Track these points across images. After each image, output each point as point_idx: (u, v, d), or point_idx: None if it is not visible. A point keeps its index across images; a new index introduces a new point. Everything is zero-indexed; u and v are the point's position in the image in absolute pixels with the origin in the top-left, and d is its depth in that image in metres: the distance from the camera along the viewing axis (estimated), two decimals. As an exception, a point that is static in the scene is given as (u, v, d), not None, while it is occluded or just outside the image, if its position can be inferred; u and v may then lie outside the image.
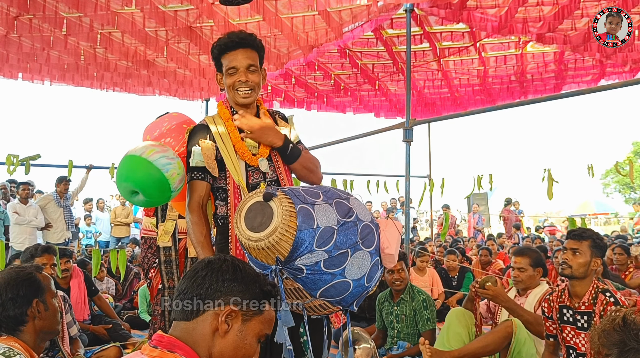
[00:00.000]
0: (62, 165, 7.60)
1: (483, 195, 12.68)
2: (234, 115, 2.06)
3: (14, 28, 5.25)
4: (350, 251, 1.67)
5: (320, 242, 1.61)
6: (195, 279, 1.19)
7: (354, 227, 1.69)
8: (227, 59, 1.99)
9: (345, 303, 1.77)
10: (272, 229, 1.59)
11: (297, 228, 1.59)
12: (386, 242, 1.77)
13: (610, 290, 2.55)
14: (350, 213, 1.71)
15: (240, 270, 1.21)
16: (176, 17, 5.27)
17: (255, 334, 1.20)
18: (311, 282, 1.66)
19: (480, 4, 5.41)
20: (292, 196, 1.65)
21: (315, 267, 1.62)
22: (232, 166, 1.98)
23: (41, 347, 1.82)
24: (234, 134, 2.02)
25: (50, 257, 3.45)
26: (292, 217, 1.59)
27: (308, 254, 1.61)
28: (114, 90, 8.10)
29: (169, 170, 1.96)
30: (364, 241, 1.70)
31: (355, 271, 1.69)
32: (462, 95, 9.17)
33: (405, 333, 3.78)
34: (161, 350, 1.12)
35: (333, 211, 1.68)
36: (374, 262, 1.74)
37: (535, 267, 3.15)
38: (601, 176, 29.22)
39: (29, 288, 1.76)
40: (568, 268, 2.58)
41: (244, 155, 2.01)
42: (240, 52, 1.98)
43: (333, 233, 1.63)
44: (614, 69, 7.62)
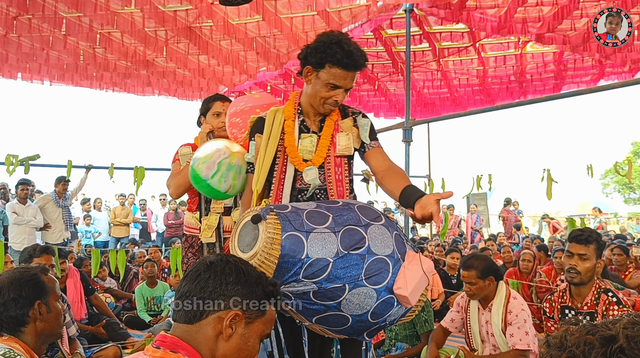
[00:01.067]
0: (61, 165, 7.58)
1: (482, 195, 12.67)
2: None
3: (14, 28, 5.25)
4: (349, 286, 1.52)
5: (308, 272, 1.50)
6: (198, 281, 1.17)
7: (360, 261, 1.53)
8: (336, 73, 1.83)
9: (348, 334, 1.65)
10: (253, 253, 1.53)
11: (279, 256, 1.49)
12: (401, 281, 1.57)
13: (612, 290, 2.54)
14: (360, 245, 1.55)
15: (243, 273, 1.19)
16: (176, 17, 5.27)
17: (258, 335, 1.20)
18: (303, 310, 1.57)
19: (479, 4, 5.41)
20: (284, 221, 1.54)
21: (303, 297, 1.53)
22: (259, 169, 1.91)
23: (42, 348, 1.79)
24: (289, 137, 1.93)
25: (48, 258, 3.44)
26: (275, 245, 1.50)
27: (294, 283, 1.51)
28: (113, 90, 8.10)
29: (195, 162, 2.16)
30: (369, 277, 1.54)
31: (354, 307, 1.55)
32: (461, 95, 9.18)
33: (403, 335, 3.78)
34: (164, 351, 1.11)
35: (335, 241, 1.53)
36: (382, 300, 1.57)
37: (485, 278, 2.86)
38: (600, 176, 29.22)
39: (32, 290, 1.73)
40: (577, 276, 2.50)
41: (293, 160, 1.92)
42: (351, 75, 1.86)
43: (327, 265, 1.50)
44: (613, 69, 7.63)
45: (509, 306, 2.83)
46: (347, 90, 1.91)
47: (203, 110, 2.94)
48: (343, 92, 1.89)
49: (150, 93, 8.40)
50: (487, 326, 2.91)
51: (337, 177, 1.96)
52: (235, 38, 5.82)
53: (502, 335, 2.81)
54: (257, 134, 1.99)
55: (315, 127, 1.99)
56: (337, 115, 2.00)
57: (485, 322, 2.93)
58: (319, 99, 1.90)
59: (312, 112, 1.98)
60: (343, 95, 1.90)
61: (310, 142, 1.94)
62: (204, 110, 2.93)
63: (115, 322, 4.56)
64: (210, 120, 2.88)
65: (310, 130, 1.98)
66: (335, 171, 1.96)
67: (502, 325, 2.82)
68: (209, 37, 5.93)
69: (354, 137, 1.99)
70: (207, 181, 2.12)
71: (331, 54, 1.81)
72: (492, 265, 2.97)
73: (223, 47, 6.28)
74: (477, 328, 2.96)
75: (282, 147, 1.95)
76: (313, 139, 1.95)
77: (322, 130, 1.97)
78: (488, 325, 2.90)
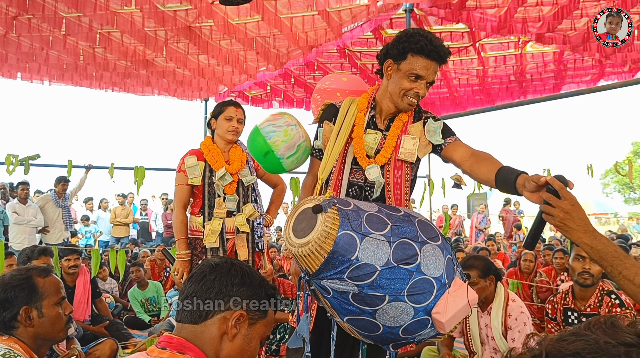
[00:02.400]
0: (61, 165, 7.58)
1: (483, 195, 12.68)
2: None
3: (13, 28, 5.24)
4: (389, 298, 1.50)
5: (354, 274, 1.48)
6: (204, 282, 1.19)
7: (407, 276, 1.50)
8: (419, 62, 1.80)
9: (375, 341, 1.64)
10: (305, 241, 1.53)
11: (330, 251, 1.49)
12: (441, 307, 1.54)
13: (615, 292, 2.54)
14: (411, 261, 1.52)
15: (247, 275, 1.22)
16: (175, 17, 5.27)
17: (259, 336, 1.22)
18: (337, 306, 1.57)
19: (479, 4, 5.41)
20: (344, 218, 1.52)
21: (342, 295, 1.53)
22: (327, 157, 1.86)
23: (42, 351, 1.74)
24: (358, 129, 1.89)
25: (47, 259, 3.44)
26: (329, 239, 1.50)
27: (337, 280, 1.51)
28: (113, 90, 8.09)
29: (272, 137, 2.04)
30: (412, 295, 1.51)
31: (388, 318, 1.53)
32: (461, 95, 9.17)
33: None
34: (171, 352, 1.12)
35: (387, 251, 1.50)
36: (418, 319, 1.55)
37: (486, 277, 2.87)
38: (601, 176, 29.24)
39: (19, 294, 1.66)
40: (590, 278, 2.51)
41: (357, 152, 1.88)
42: (433, 64, 1.83)
43: (374, 272, 1.48)
44: (614, 69, 7.62)
45: (508, 309, 2.82)
46: (428, 83, 1.85)
47: (216, 113, 2.99)
48: (425, 85, 1.84)
49: (150, 93, 8.40)
50: (486, 329, 2.90)
51: (395, 179, 1.92)
52: (235, 38, 5.81)
53: (503, 338, 2.80)
54: (325, 121, 1.98)
55: (383, 125, 1.95)
56: (407, 116, 1.94)
57: (484, 325, 2.92)
58: (400, 92, 1.84)
59: (386, 110, 1.93)
60: (425, 88, 1.85)
61: (374, 139, 1.91)
62: (217, 113, 2.98)
63: (118, 322, 4.57)
64: (221, 124, 2.94)
65: (377, 127, 1.94)
66: (394, 173, 1.91)
67: (502, 329, 2.81)
68: (208, 37, 5.92)
69: (422, 145, 1.91)
70: (281, 160, 2.09)
71: (414, 42, 1.79)
72: (492, 265, 2.97)
73: (223, 47, 6.27)
74: (476, 331, 2.95)
75: (349, 138, 1.92)
76: (377, 136, 1.92)
77: (389, 129, 1.92)
78: (488, 329, 2.89)
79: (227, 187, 2.92)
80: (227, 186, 2.91)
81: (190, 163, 2.91)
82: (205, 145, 2.98)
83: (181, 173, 2.94)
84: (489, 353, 2.91)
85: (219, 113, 2.96)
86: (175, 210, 2.96)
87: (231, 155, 2.98)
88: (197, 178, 2.91)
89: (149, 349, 1.15)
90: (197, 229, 2.94)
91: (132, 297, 5.39)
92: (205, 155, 2.94)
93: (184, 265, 2.90)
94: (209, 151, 2.94)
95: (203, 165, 2.93)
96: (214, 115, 2.99)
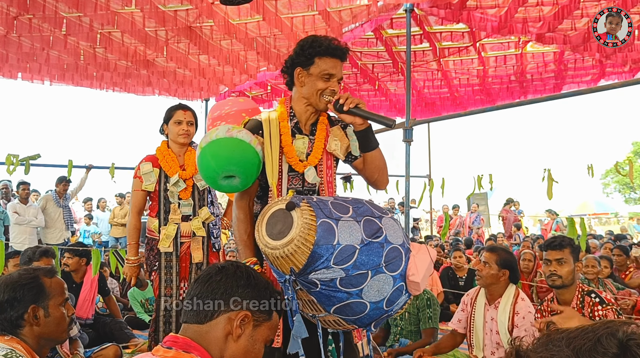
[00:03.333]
0: (62, 165, 7.59)
1: (483, 195, 12.68)
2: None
3: (14, 28, 5.25)
4: (371, 273, 1.59)
5: (338, 259, 1.55)
6: (209, 283, 1.21)
7: (380, 249, 1.61)
8: (327, 63, 1.93)
9: (361, 323, 1.70)
10: (288, 240, 1.55)
11: (314, 242, 1.54)
12: (413, 269, 1.67)
13: (594, 291, 2.57)
14: (379, 234, 1.63)
15: (253, 277, 1.24)
16: (176, 17, 5.27)
17: (263, 339, 1.23)
18: (325, 298, 1.61)
19: (480, 4, 5.41)
20: (317, 209, 1.60)
21: (330, 284, 1.57)
22: (270, 167, 1.94)
23: (44, 351, 1.75)
24: (285, 137, 1.98)
25: (48, 261, 3.44)
26: (311, 231, 1.55)
27: (324, 270, 1.55)
28: (113, 90, 8.10)
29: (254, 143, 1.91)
30: (388, 264, 1.62)
31: (373, 293, 1.62)
32: (461, 95, 9.18)
33: (408, 330, 3.81)
34: (176, 351, 1.13)
35: (359, 229, 1.60)
36: (396, 287, 1.66)
37: (502, 268, 2.90)
38: (601, 176, 29.22)
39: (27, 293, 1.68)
40: (559, 279, 2.57)
41: (290, 159, 1.98)
42: (339, 62, 1.96)
43: (354, 252, 1.56)
44: (614, 68, 7.62)
45: (516, 307, 2.84)
46: (339, 80, 1.98)
47: (166, 118, 3.09)
48: (337, 82, 1.97)
49: (150, 93, 8.40)
50: (491, 323, 2.92)
51: (328, 179, 2.06)
52: (236, 38, 5.82)
53: (508, 334, 2.81)
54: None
55: (307, 130, 2.06)
56: (327, 120, 2.09)
57: (490, 318, 2.94)
58: (317, 93, 1.95)
59: (305, 116, 2.04)
60: (337, 84, 1.97)
61: (303, 143, 2.01)
62: (167, 118, 3.08)
63: (121, 322, 4.56)
64: (171, 128, 3.04)
65: (303, 133, 2.04)
66: (327, 173, 2.06)
67: (509, 325, 2.83)
68: (209, 37, 5.93)
69: (343, 148, 2.06)
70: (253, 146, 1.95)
71: (318, 46, 1.93)
72: (515, 265, 3.01)
73: (223, 47, 6.28)
74: (481, 323, 2.97)
75: (280, 148, 2.00)
76: (305, 140, 2.02)
77: (313, 134, 2.05)
78: (493, 323, 2.91)
79: (182, 192, 3.01)
80: (182, 191, 3.01)
81: (145, 169, 3.00)
82: (160, 151, 3.06)
83: (137, 179, 3.03)
84: (491, 347, 2.91)
85: (169, 118, 3.05)
86: (130, 215, 3.07)
87: (186, 159, 3.06)
88: (152, 184, 3.00)
89: (155, 349, 1.16)
90: (153, 230, 3.05)
91: (132, 298, 5.39)
92: (160, 161, 3.02)
93: (132, 270, 3.03)
94: (164, 157, 3.02)
95: (157, 171, 3.01)
96: (165, 120, 3.09)
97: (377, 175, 2.06)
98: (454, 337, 3.19)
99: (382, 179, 2.09)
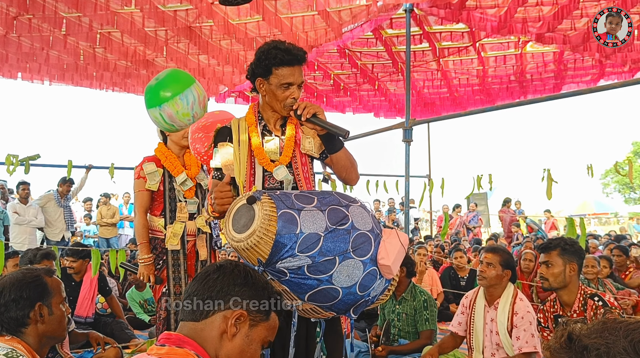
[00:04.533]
0: (61, 165, 7.60)
1: (483, 195, 12.69)
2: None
3: (14, 28, 5.25)
4: (339, 258, 1.64)
5: (302, 247, 1.61)
6: (206, 281, 1.21)
7: (346, 235, 1.67)
8: (284, 72, 1.99)
9: (338, 309, 1.75)
10: (251, 231, 1.61)
11: (276, 232, 1.59)
12: (383, 253, 1.73)
13: (598, 294, 2.54)
14: (344, 221, 1.69)
15: (251, 276, 1.24)
16: (176, 17, 5.27)
17: (261, 340, 1.22)
18: (296, 286, 1.66)
19: (479, 4, 5.41)
20: (277, 201, 1.66)
21: (298, 271, 1.62)
22: (238, 167, 2.02)
23: (44, 351, 1.77)
24: (255, 140, 2.06)
25: (49, 263, 3.44)
26: (272, 221, 1.61)
27: (289, 258, 1.61)
28: (113, 90, 8.10)
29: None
30: (355, 249, 1.68)
31: (343, 279, 1.67)
32: (461, 95, 9.18)
33: (405, 331, 3.80)
34: (169, 347, 1.13)
35: (323, 218, 1.67)
36: (368, 271, 1.71)
37: (505, 268, 2.90)
38: (601, 176, 29.23)
39: (33, 291, 1.71)
40: (546, 282, 2.58)
41: (261, 161, 2.04)
42: (297, 69, 2.01)
43: (319, 239, 1.63)
44: (614, 68, 7.62)
45: (515, 307, 2.83)
46: (299, 85, 2.03)
47: None
48: (297, 88, 2.02)
49: (150, 93, 8.39)
50: (491, 324, 2.91)
51: (304, 175, 2.12)
52: (235, 38, 5.82)
53: (507, 334, 2.81)
54: (220, 143, 2.10)
55: (277, 131, 2.12)
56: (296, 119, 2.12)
57: (490, 319, 2.93)
58: (279, 103, 2.03)
59: (273, 119, 2.11)
60: (298, 91, 2.03)
61: (274, 144, 2.08)
62: None
63: (122, 322, 4.55)
64: None
65: (273, 134, 2.11)
66: (302, 169, 2.11)
67: (508, 325, 2.83)
68: (209, 37, 5.93)
69: (316, 146, 2.11)
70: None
71: (273, 57, 1.98)
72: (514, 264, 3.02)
73: (223, 47, 6.28)
74: (481, 325, 2.96)
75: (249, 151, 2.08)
76: (276, 141, 2.08)
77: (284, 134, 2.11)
78: (493, 323, 2.90)
79: (187, 192, 3.07)
80: (187, 190, 3.07)
81: (149, 169, 3.04)
82: (160, 151, 3.10)
83: (140, 179, 3.06)
84: (491, 349, 2.91)
85: None
86: (137, 215, 3.09)
87: (187, 160, 3.13)
88: (156, 184, 3.04)
89: (149, 348, 1.16)
90: (158, 229, 3.06)
91: (131, 299, 5.39)
92: (162, 162, 3.07)
93: (148, 269, 3.01)
94: (166, 157, 3.07)
95: (162, 171, 3.06)
96: None
97: (345, 174, 2.13)
98: (454, 338, 3.19)
99: (350, 176, 2.15)
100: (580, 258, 2.63)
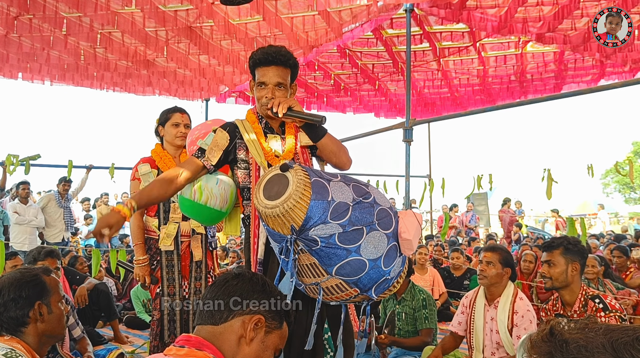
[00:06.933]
0: (62, 165, 7.60)
1: (483, 195, 12.69)
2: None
3: (14, 28, 5.25)
4: (366, 229, 1.68)
5: (334, 214, 1.64)
6: (226, 286, 1.24)
7: (370, 208, 1.72)
8: (259, 72, 2.08)
9: (362, 285, 1.76)
10: (286, 196, 1.64)
11: (310, 197, 1.63)
12: (404, 227, 1.77)
13: (599, 296, 2.54)
14: (367, 196, 1.74)
15: (268, 284, 1.28)
16: (176, 17, 5.27)
17: (274, 346, 1.26)
18: (326, 256, 1.68)
19: (480, 4, 5.41)
20: (309, 170, 1.72)
21: (329, 240, 1.65)
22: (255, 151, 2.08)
23: (44, 350, 1.77)
24: (259, 137, 2.11)
25: (53, 261, 3.45)
26: (307, 186, 1.65)
27: (322, 225, 1.64)
28: (114, 90, 8.10)
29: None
30: (380, 222, 1.72)
31: (371, 250, 1.70)
32: (462, 95, 9.18)
33: (405, 330, 3.82)
34: (189, 349, 1.15)
35: (349, 190, 1.71)
36: (391, 246, 1.75)
37: (505, 266, 2.91)
38: (601, 176, 29.23)
39: (32, 290, 1.72)
40: (549, 281, 2.59)
41: (267, 156, 2.09)
42: (272, 69, 2.06)
43: (348, 208, 1.66)
44: (614, 68, 7.62)
45: (515, 306, 2.84)
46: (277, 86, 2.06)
47: (162, 120, 3.13)
48: (272, 89, 2.06)
49: (150, 93, 8.41)
50: (491, 323, 2.92)
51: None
52: (236, 38, 5.82)
53: (508, 333, 2.82)
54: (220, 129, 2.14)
55: (278, 130, 2.17)
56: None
57: (490, 318, 2.94)
58: (258, 102, 2.10)
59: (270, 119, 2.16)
60: (272, 91, 2.06)
61: (277, 141, 2.13)
62: (164, 121, 3.12)
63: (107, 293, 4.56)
64: (169, 130, 3.08)
65: (275, 132, 2.16)
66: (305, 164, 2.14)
67: (509, 323, 2.83)
68: (209, 37, 5.93)
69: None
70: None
71: (254, 58, 2.08)
72: (513, 262, 3.04)
73: (223, 47, 6.28)
74: (481, 324, 2.97)
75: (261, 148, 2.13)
76: (277, 138, 2.14)
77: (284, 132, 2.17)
78: (493, 322, 2.91)
79: None
80: None
81: (144, 170, 3.03)
82: (156, 152, 3.10)
83: (135, 181, 3.05)
84: (491, 348, 2.91)
85: (166, 120, 3.09)
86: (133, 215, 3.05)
87: (182, 161, 3.09)
88: None
89: (167, 349, 1.17)
90: (152, 230, 3.05)
91: (135, 296, 5.38)
92: (157, 163, 3.06)
93: (143, 270, 3.00)
94: (161, 158, 3.06)
95: (156, 172, 3.04)
96: (161, 122, 3.12)
97: (336, 158, 2.17)
98: (454, 338, 3.20)
99: (341, 160, 2.18)
100: (583, 258, 2.63)
